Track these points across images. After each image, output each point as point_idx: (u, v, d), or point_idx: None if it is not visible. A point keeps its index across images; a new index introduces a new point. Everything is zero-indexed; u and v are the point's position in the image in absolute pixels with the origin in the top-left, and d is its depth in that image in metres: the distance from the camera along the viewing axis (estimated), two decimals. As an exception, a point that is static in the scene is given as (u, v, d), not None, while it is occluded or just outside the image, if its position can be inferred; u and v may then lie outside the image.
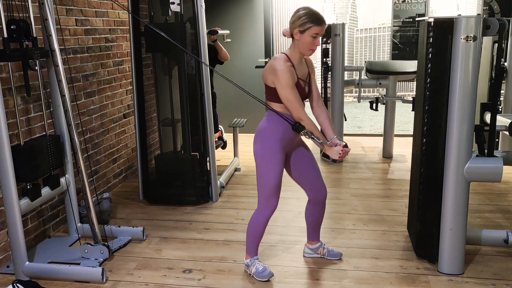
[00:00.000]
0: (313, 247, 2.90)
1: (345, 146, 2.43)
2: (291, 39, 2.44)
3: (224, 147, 5.06)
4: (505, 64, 4.43)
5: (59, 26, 3.23)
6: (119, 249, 3.10)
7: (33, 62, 2.79)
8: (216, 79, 4.86)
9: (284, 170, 2.64)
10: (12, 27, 2.61)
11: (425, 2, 6.25)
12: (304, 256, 2.94)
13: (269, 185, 2.51)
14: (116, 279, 2.74)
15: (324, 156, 2.44)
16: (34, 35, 2.76)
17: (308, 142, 2.70)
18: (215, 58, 4.57)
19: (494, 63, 4.28)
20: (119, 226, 3.27)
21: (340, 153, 2.40)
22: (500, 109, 4.50)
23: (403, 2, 6.30)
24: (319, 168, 2.73)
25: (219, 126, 4.97)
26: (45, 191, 2.91)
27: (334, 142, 2.44)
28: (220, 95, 5.17)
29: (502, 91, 4.44)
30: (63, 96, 2.87)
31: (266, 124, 2.51)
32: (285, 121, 2.44)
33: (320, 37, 2.41)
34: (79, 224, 3.24)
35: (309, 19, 2.32)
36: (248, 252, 2.72)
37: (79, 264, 2.84)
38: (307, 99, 2.60)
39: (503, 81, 4.43)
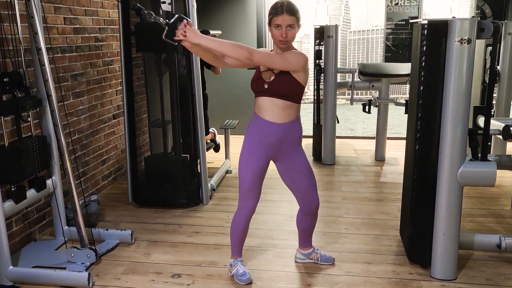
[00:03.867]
0: (306, 252, 2.86)
1: (186, 24, 2.16)
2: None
3: (217, 149, 4.99)
4: (498, 67, 4.43)
5: (46, 24, 3.16)
6: (106, 253, 3.03)
7: (25, 113, 2.80)
8: (209, 80, 4.80)
9: (279, 174, 2.62)
10: (5, 80, 2.63)
11: (418, 4, 6.25)
12: (296, 261, 2.90)
13: (244, 186, 2.51)
14: (103, 284, 2.68)
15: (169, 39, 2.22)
16: (28, 84, 2.79)
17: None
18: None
19: (487, 66, 4.28)
20: (107, 229, 3.20)
21: (180, 30, 2.15)
22: (492, 113, 4.49)
23: (396, 4, 6.29)
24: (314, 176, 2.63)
25: (212, 128, 4.91)
26: (31, 193, 2.84)
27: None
28: (212, 97, 5.11)
29: (494, 95, 4.43)
30: (49, 96, 2.80)
31: (247, 125, 2.52)
32: (257, 122, 2.43)
33: (289, 28, 2.25)
34: (66, 227, 3.17)
35: (271, 11, 2.29)
36: (232, 253, 2.72)
37: (65, 268, 2.77)
38: (262, 91, 2.40)
39: (495, 84, 4.43)
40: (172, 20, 2.23)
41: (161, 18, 2.25)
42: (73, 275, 2.65)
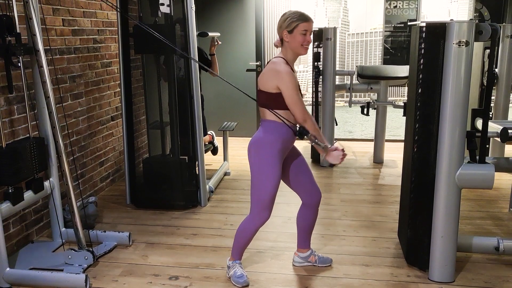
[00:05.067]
0: (304, 255, 2.85)
1: (343, 150, 2.45)
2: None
3: (214, 152, 4.98)
4: (496, 70, 4.44)
5: (44, 26, 3.15)
6: (104, 254, 3.02)
7: (16, 59, 2.70)
8: (207, 82, 4.80)
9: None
10: None
11: (417, 7, 6.26)
12: (294, 265, 2.89)
13: (265, 197, 2.47)
14: (100, 286, 2.67)
15: (318, 161, 2.46)
16: (18, 31, 2.67)
17: (298, 146, 2.66)
18: (203, 63, 4.50)
19: (485, 69, 4.29)
20: (105, 231, 3.20)
21: (341, 157, 2.40)
22: (490, 115, 4.50)
23: (394, 7, 6.30)
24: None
25: (210, 131, 4.90)
26: (28, 195, 2.83)
27: (333, 146, 2.44)
28: (210, 99, 5.11)
29: (492, 97, 4.44)
30: (47, 97, 2.80)
31: (262, 135, 2.45)
32: (283, 131, 2.41)
33: (311, 34, 2.40)
34: (64, 229, 3.16)
35: (295, 18, 2.35)
36: (233, 255, 2.72)
37: (62, 270, 2.76)
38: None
39: (493, 87, 4.43)
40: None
41: (321, 143, 2.38)
42: (70, 277, 2.64)
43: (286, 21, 2.35)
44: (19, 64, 2.71)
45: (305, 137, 2.37)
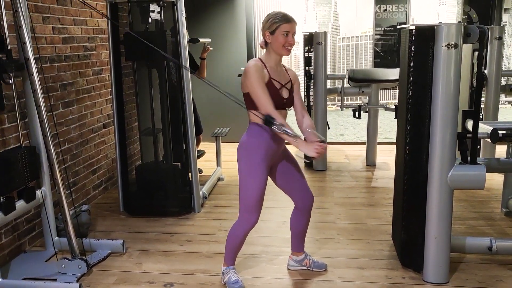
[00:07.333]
0: (298, 258, 2.85)
1: (322, 142, 2.30)
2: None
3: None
4: (485, 71, 4.48)
5: (34, 34, 3.14)
6: (98, 263, 3.00)
7: (7, 75, 2.70)
8: (198, 87, 4.80)
9: (270, 179, 2.60)
10: None
11: (406, 11, 6.32)
12: (289, 269, 2.89)
13: (251, 200, 2.47)
14: (94, 295, 2.65)
15: (305, 158, 2.39)
16: (9, 47, 2.68)
17: (292, 150, 2.66)
18: (192, 67, 4.51)
19: (475, 71, 4.33)
20: (98, 239, 3.17)
21: (315, 148, 2.23)
22: (481, 116, 4.54)
23: (384, 11, 6.35)
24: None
25: None
26: (20, 204, 2.81)
27: (309, 138, 2.38)
28: (203, 104, 5.10)
29: (482, 99, 4.48)
30: (38, 106, 2.78)
31: (247, 138, 2.46)
32: (266, 134, 2.41)
33: (293, 35, 2.38)
34: (56, 238, 3.14)
35: (277, 19, 2.35)
36: (226, 261, 2.71)
37: (55, 280, 2.74)
38: (291, 108, 2.56)
39: (483, 88, 4.47)
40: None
41: (289, 130, 2.25)
42: (64, 287, 2.61)
43: (268, 22, 2.37)
44: (10, 80, 2.71)
45: (273, 126, 2.26)
